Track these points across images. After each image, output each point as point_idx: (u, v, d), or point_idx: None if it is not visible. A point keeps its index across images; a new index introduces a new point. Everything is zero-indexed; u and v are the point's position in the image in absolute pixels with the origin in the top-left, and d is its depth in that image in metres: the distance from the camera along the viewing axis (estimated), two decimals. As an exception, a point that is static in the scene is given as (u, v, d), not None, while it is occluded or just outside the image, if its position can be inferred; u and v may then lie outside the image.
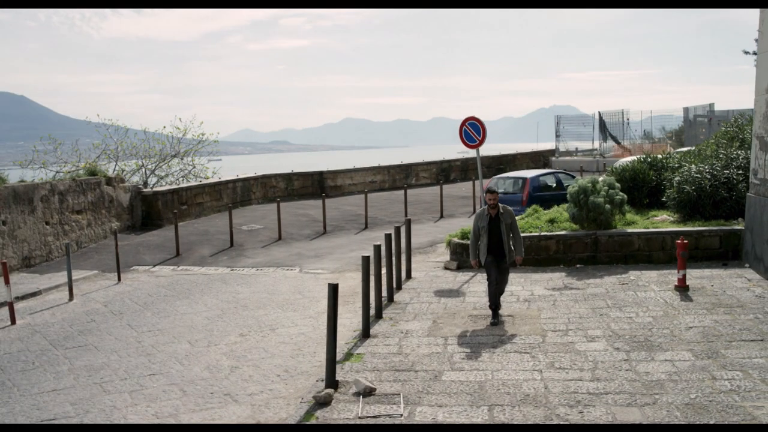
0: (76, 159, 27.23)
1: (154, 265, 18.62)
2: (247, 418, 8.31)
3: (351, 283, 15.01)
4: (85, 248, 20.75)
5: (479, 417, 7.51)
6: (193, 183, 27.44)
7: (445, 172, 37.26)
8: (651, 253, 14.94)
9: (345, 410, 7.99)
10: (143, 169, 29.70)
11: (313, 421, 7.76)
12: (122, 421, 8.37)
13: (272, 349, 10.97)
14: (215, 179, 28.83)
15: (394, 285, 13.66)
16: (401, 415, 7.74)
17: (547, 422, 7.24)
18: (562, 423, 6.97)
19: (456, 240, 16.17)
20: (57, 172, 24.23)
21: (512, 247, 11.28)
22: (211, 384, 9.54)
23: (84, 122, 30.91)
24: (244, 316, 12.98)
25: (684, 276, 12.52)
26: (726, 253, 14.63)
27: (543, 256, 15.39)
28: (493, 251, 11.13)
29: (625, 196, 15.81)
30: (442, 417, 7.60)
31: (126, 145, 29.58)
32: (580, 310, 11.58)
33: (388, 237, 13.79)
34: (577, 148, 42.44)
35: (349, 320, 12.05)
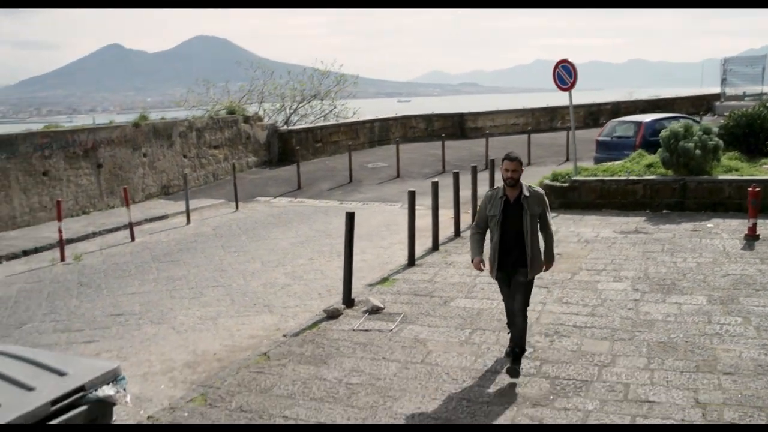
0: (227, 99, 29.51)
1: (275, 197, 20.27)
2: (271, 325, 9.45)
3: (441, 219, 15.70)
4: (221, 180, 22.81)
5: (456, 338, 8.16)
6: (329, 122, 28.93)
7: (593, 115, 36.43)
8: (741, 201, 14.43)
9: (346, 323, 8.93)
10: (285, 109, 31.62)
11: (314, 330, 8.77)
12: (171, 318, 9.81)
13: (329, 272, 12.03)
14: (353, 119, 30.15)
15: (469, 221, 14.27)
16: (390, 330, 8.56)
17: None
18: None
19: (546, 181, 16.39)
20: (207, 111, 26.54)
21: (539, 251, 6.90)
22: (259, 297, 10.78)
23: (281, 64, 33.07)
24: (323, 244, 14.14)
25: (754, 225, 12.19)
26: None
27: (629, 200, 15.30)
28: (508, 259, 6.79)
29: (721, 142, 15.27)
30: (424, 335, 8.33)
31: (271, 86, 31.59)
32: (630, 253, 11.67)
33: (474, 176, 14.43)
34: (744, 93, 39.79)
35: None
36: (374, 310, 9.26)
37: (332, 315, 9.20)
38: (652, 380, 6.72)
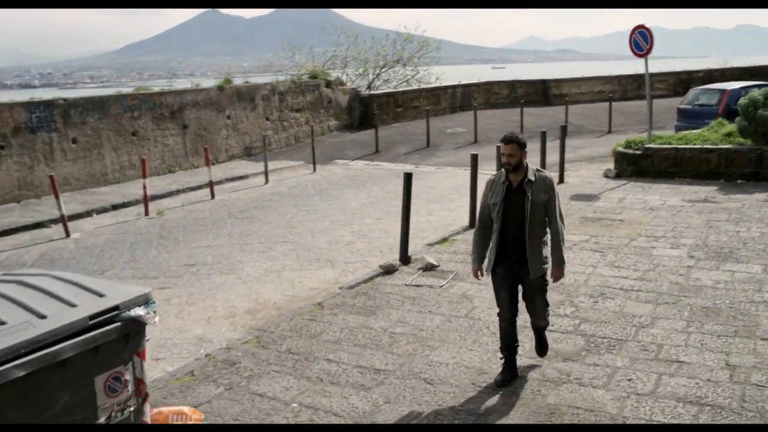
0: (312, 64, 30.13)
1: (353, 160, 20.79)
2: (331, 279, 9.94)
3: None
4: (302, 142, 23.46)
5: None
6: (411, 88, 29.19)
7: (684, 83, 35.32)
8: (825, 172, 14.06)
9: (399, 279, 9.33)
10: (368, 74, 32.01)
11: (369, 284, 9.21)
12: (239, 269, 10.43)
13: (393, 231, 12.41)
14: (435, 84, 30.31)
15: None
16: (441, 286, 8.93)
17: (559, 306, 8.00)
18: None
19: (620, 149, 16.32)
20: (291, 75, 27.17)
21: (541, 247, 5.92)
22: (323, 253, 11.30)
23: (376, 29, 33.46)
24: (392, 205, 14.53)
25: (828, 196, 11.93)
26: None
27: (703, 169, 15.07)
28: (508, 254, 5.90)
29: (803, 110, 14.82)
30: (472, 292, 8.65)
31: (354, 51, 32.01)
32: (694, 221, 11.62)
33: (543, 142, 14.56)
34: None
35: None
36: (428, 268, 9.62)
37: (388, 270, 9.60)
38: (686, 342, 6.85)
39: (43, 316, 3.39)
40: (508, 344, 6.17)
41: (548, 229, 5.91)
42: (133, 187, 16.94)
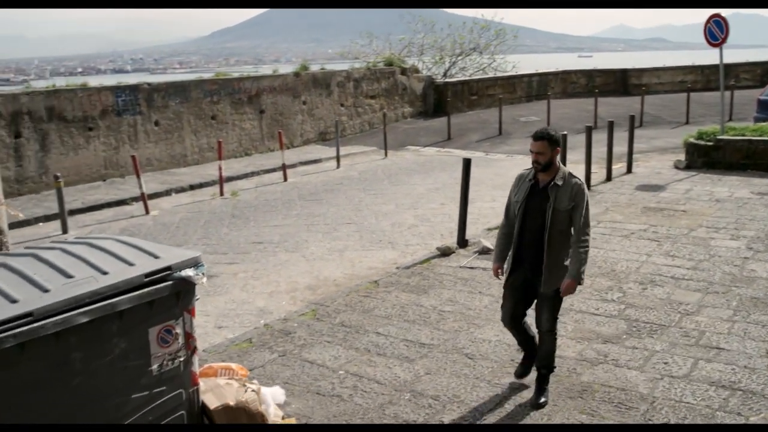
0: (388, 51, 30.49)
1: (424, 146, 21.11)
2: (390, 260, 10.31)
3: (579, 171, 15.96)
4: (376, 129, 23.89)
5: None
6: (486, 76, 29.25)
7: (771, 74, 34.25)
8: None
9: (455, 261, 9.64)
10: (444, 62, 32.17)
11: (425, 265, 9.55)
12: (303, 248, 10.92)
13: (455, 216, 12.58)
14: (511, 73, 30.27)
15: (604, 176, 14.52)
16: (493, 269, 9.20)
17: (606, 291, 8.18)
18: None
19: (691, 140, 16.16)
20: (367, 62, 27.58)
21: (560, 260, 5.32)
22: (386, 235, 11.69)
23: (457, 16, 33.71)
24: (458, 190, 14.57)
25: None
26: None
27: (779, 162, 14.81)
28: (524, 257, 5.42)
29: None
30: (524, 274, 8.89)
31: (430, 39, 32.21)
32: (759, 214, 11.49)
33: (610, 133, 14.59)
34: None
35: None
36: (484, 251, 9.89)
37: (444, 253, 9.92)
38: (730, 330, 6.94)
39: (105, 273, 3.87)
40: (521, 343, 5.87)
41: (573, 234, 5.26)
42: (210, 168, 17.69)
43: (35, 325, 3.48)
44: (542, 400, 5.49)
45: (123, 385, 3.92)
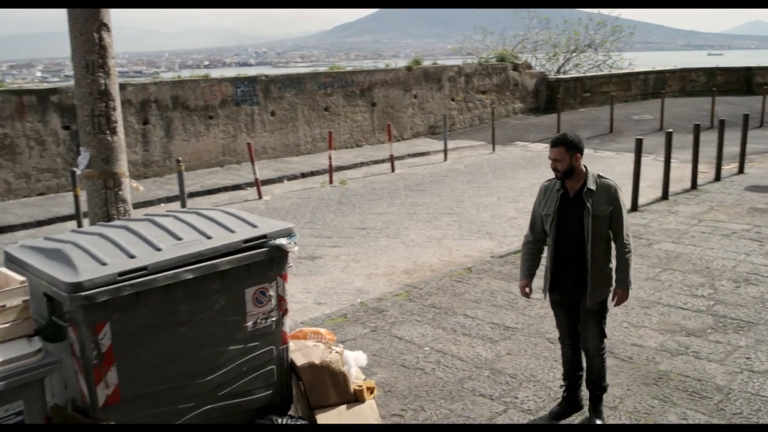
0: (501, 47, 30.52)
1: (533, 142, 21.15)
2: (486, 249, 10.60)
3: (677, 173, 15.69)
4: (485, 124, 24.06)
5: (644, 274, 8.72)
6: (601, 73, 28.83)
7: None
8: None
9: (549, 252, 9.84)
10: (558, 58, 31.85)
11: (519, 254, 9.77)
12: (404, 235, 11.36)
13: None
14: (627, 70, 29.72)
15: (713, 176, 14.32)
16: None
17: (697, 287, 8.20)
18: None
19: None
20: (480, 58, 27.75)
21: (606, 268, 5.01)
22: (485, 225, 11.97)
23: (570, 13, 33.04)
24: (560, 186, 14.90)
25: None
26: None
27: None
28: (564, 272, 5.05)
29: None
30: (616, 268, 9.01)
31: (545, 35, 31.98)
32: None
33: (720, 131, 14.33)
34: None
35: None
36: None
37: (538, 244, 10.09)
38: (823, 330, 6.89)
39: (209, 237, 4.40)
40: (569, 372, 5.37)
41: (614, 247, 4.97)
42: (321, 158, 18.41)
43: (149, 277, 4.03)
44: (597, 422, 5.17)
45: (221, 337, 4.44)
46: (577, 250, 4.91)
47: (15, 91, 15.01)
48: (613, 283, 5.01)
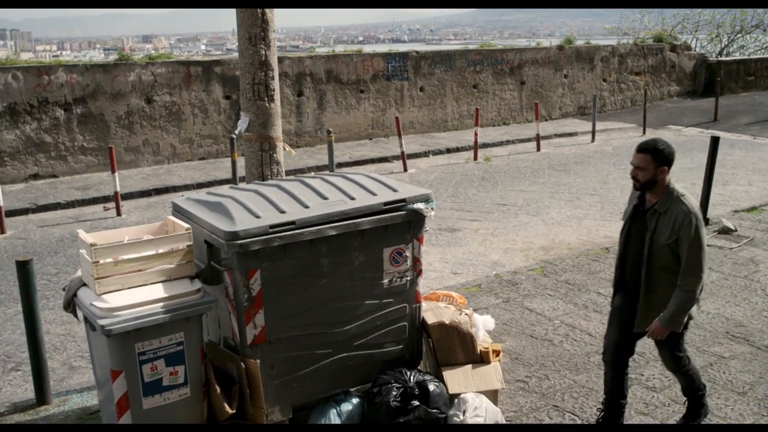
0: (660, 27, 29.33)
1: (686, 126, 20.40)
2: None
3: None
4: (638, 106, 23.32)
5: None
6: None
7: None
8: None
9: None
10: (721, 39, 30.20)
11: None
12: (544, 213, 11.43)
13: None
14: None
15: None
16: (731, 248, 9.11)
17: None
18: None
19: None
20: (636, 38, 26.85)
21: (659, 298, 4.38)
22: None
23: None
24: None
25: None
26: None
27: None
28: (626, 281, 4.63)
29: None
30: (761, 257, 8.74)
31: (707, 14, 30.38)
32: None
33: None
34: None
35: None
36: (724, 231, 9.78)
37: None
38: None
39: (352, 198, 4.76)
40: (608, 398, 4.77)
41: (682, 270, 4.24)
42: (467, 134, 18.59)
43: (296, 231, 4.45)
44: (690, 423, 4.74)
45: (359, 292, 4.81)
46: (635, 273, 4.45)
47: (183, 62, 16.12)
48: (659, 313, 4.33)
